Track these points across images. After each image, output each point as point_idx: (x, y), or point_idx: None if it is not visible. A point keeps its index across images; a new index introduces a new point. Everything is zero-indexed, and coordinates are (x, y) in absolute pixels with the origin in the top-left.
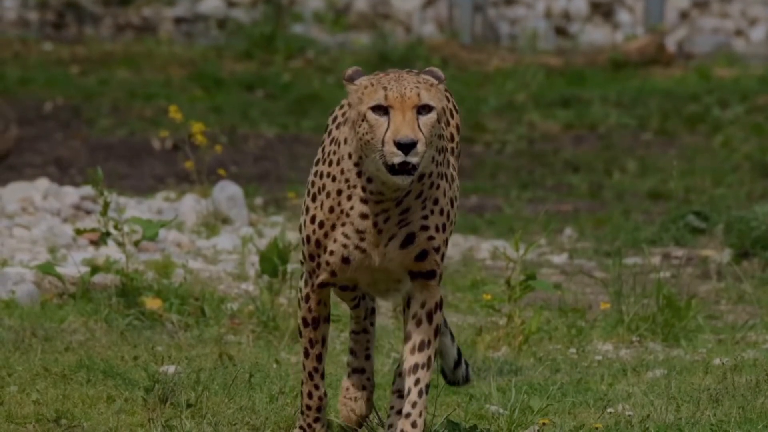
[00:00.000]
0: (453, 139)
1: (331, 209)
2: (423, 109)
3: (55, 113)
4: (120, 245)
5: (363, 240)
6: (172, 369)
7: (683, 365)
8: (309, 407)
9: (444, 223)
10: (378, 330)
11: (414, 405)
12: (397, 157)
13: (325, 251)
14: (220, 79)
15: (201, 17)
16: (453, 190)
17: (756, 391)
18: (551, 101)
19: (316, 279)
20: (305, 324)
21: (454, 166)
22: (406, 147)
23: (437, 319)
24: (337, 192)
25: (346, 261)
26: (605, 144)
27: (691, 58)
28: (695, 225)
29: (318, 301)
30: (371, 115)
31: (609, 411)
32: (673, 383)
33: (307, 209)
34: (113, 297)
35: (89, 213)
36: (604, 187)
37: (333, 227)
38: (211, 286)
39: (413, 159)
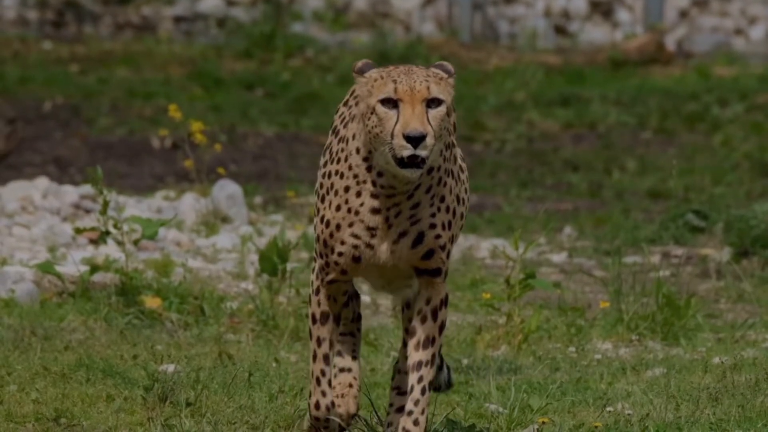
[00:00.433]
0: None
1: (338, 207)
2: (432, 103)
3: (55, 112)
4: (119, 244)
5: (374, 237)
6: (171, 368)
7: (683, 364)
8: (318, 419)
9: (450, 221)
10: (378, 329)
11: (417, 402)
12: (407, 150)
13: (333, 252)
14: (219, 78)
15: (200, 16)
16: (459, 187)
17: (755, 390)
18: (551, 100)
19: (326, 276)
20: (314, 320)
21: (461, 166)
22: (415, 140)
23: (442, 316)
24: (345, 189)
25: (356, 260)
26: (605, 143)
27: (691, 56)
28: (695, 224)
29: (328, 296)
30: (380, 108)
31: (608, 410)
32: (673, 382)
33: (318, 211)
34: (113, 296)
35: (89, 212)
36: (603, 186)
37: (339, 227)
38: (211, 285)
39: (422, 152)
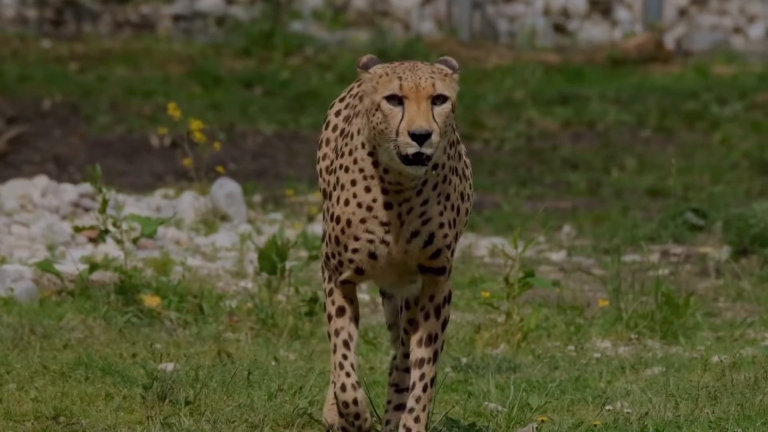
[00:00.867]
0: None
1: (347, 202)
2: (438, 99)
3: (54, 110)
4: (118, 242)
5: (388, 233)
6: (170, 366)
7: (682, 362)
8: (346, 404)
9: (454, 218)
10: (377, 328)
11: (418, 400)
12: (411, 148)
13: (347, 249)
14: (218, 77)
15: (199, 14)
16: (464, 183)
17: (754, 389)
18: (550, 98)
19: (339, 276)
20: (329, 318)
21: (466, 162)
22: (420, 138)
23: (445, 313)
24: (351, 182)
25: (372, 256)
26: (604, 141)
27: (690, 55)
28: (694, 222)
29: (343, 296)
30: (385, 105)
31: (607, 408)
32: (672, 380)
33: (327, 209)
34: (112, 294)
35: (88, 210)
36: (602, 185)
37: (350, 223)
38: (210, 283)
39: (427, 150)
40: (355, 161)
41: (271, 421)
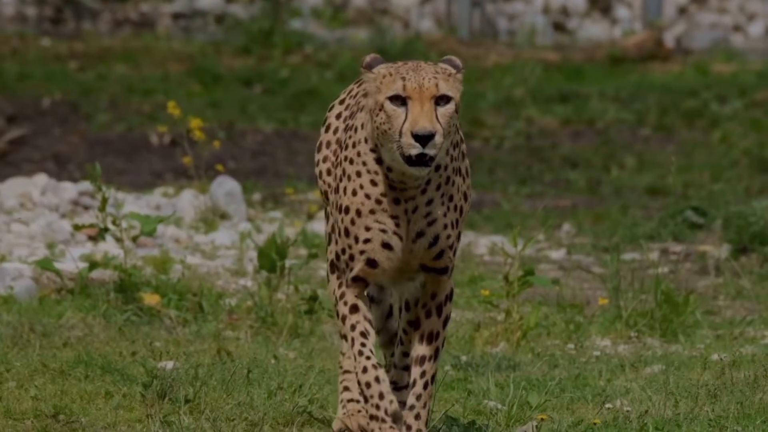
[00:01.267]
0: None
1: (354, 192)
2: (441, 100)
3: (53, 109)
4: (118, 241)
5: (398, 226)
6: (170, 365)
7: (681, 361)
8: (369, 385)
9: (457, 219)
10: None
11: (418, 397)
12: (415, 149)
13: (358, 241)
14: (218, 75)
15: (199, 13)
16: (466, 183)
17: (754, 387)
18: (549, 96)
19: (350, 272)
20: (343, 318)
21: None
22: (423, 139)
23: (447, 311)
24: (357, 174)
25: (387, 246)
26: (603, 139)
27: (690, 53)
28: (693, 220)
29: (355, 295)
30: (389, 106)
31: (607, 406)
32: (671, 379)
33: (335, 204)
34: (111, 292)
35: (87, 208)
36: (602, 183)
37: (359, 213)
38: (210, 281)
39: (431, 151)
40: (359, 154)
41: (271, 420)
